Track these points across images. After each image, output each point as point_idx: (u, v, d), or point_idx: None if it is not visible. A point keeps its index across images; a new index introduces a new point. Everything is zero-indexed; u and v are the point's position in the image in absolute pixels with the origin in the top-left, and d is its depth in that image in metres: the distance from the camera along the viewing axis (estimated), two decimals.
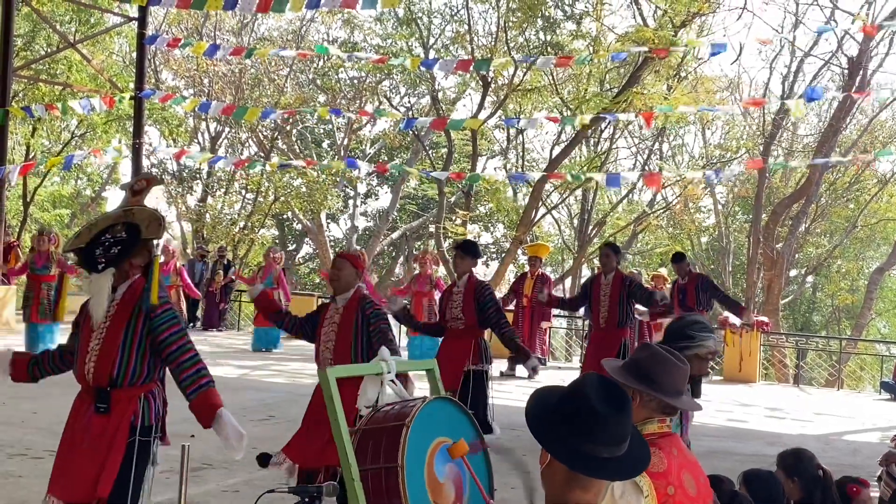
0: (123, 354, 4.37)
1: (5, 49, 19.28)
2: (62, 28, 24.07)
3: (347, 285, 5.94)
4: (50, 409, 9.38)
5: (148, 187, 4.88)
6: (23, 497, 6.10)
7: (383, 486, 3.77)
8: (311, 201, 28.82)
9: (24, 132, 25.60)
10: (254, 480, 6.97)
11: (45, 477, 6.58)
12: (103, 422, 4.36)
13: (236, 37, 30.42)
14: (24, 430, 8.29)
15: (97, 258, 4.39)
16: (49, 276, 14.58)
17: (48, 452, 7.37)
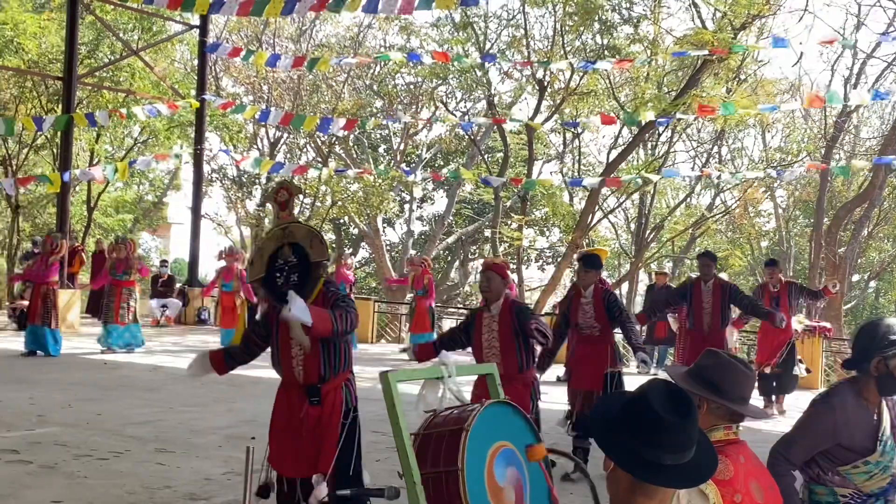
0: (325, 356, 4.99)
1: (70, 57, 19.72)
2: (125, 36, 24.52)
3: (498, 294, 6.47)
4: (113, 411, 9.59)
5: (291, 197, 5.11)
6: (89, 498, 6.22)
7: (444, 490, 3.80)
8: (367, 206, 28.99)
9: (89, 138, 26.11)
10: None
11: (110, 478, 6.76)
12: (318, 411, 5.01)
13: (295, 43, 30.73)
14: (90, 432, 8.44)
15: (280, 288, 4.88)
16: (129, 281, 15.08)
17: (112, 454, 7.55)
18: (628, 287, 30.34)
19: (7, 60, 23.10)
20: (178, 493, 6.45)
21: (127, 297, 15.10)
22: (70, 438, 8.09)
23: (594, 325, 8.00)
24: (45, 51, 23.38)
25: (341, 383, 5.10)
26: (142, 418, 9.28)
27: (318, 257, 4.94)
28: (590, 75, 22.85)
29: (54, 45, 23.11)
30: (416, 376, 4.27)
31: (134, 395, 10.80)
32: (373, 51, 30.65)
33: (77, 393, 10.75)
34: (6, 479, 6.59)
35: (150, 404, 10.23)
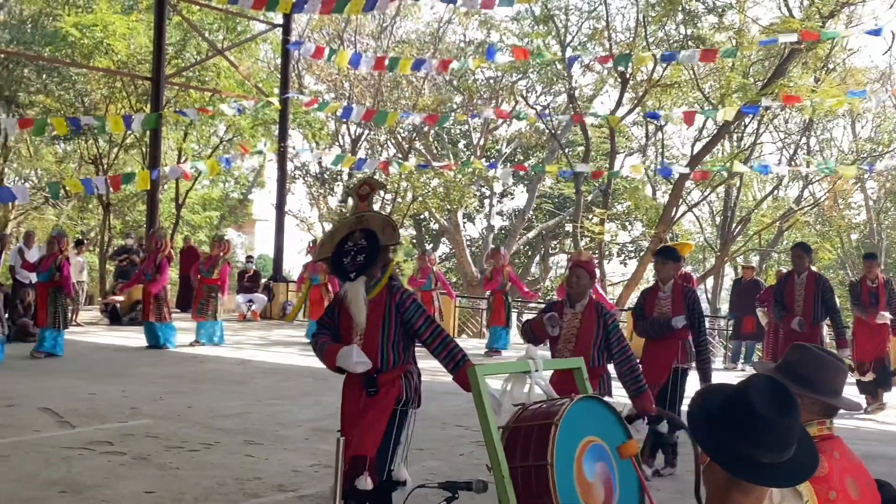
0: (384, 347, 4.99)
1: (158, 57, 20.19)
2: (210, 36, 24.98)
3: (584, 292, 6.43)
4: (203, 404, 9.78)
5: (372, 192, 5.22)
6: (180, 489, 6.34)
7: (533, 484, 3.77)
8: (447, 201, 29.05)
9: (177, 137, 26.67)
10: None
11: (201, 469, 6.89)
12: (375, 401, 4.99)
13: (375, 41, 30.95)
14: (180, 424, 8.62)
15: (346, 268, 4.97)
16: (212, 279, 15.44)
17: (203, 445, 7.69)
18: (713, 282, 29.86)
19: (97, 61, 23.73)
20: (267, 484, 6.54)
21: (207, 294, 15.47)
22: (162, 430, 8.27)
23: None
24: (133, 52, 23.95)
25: (400, 374, 5.05)
26: (230, 411, 9.44)
27: (388, 241, 5.00)
28: (673, 66, 22.50)
29: (143, 46, 23.66)
30: (502, 370, 4.26)
31: (223, 389, 11.00)
32: (453, 46, 30.70)
33: (168, 386, 10.99)
34: (101, 470, 6.76)
35: (239, 397, 10.41)
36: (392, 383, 5.00)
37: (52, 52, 24.43)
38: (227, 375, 12.18)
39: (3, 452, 7.12)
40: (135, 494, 6.13)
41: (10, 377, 11.22)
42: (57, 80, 25.27)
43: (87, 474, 6.59)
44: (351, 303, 4.95)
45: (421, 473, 6.77)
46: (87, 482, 6.38)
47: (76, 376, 11.47)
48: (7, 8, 25.78)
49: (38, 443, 7.56)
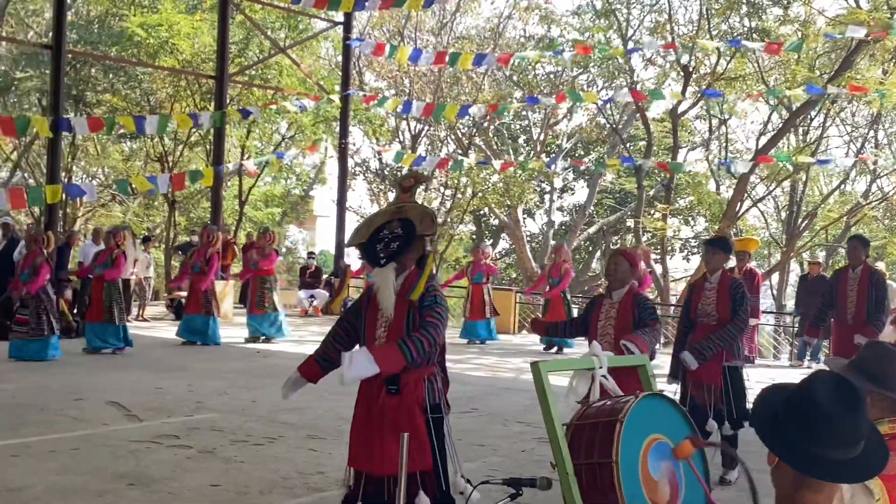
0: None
1: (222, 56, 20.45)
2: (273, 35, 25.23)
3: (623, 281, 6.20)
4: (267, 398, 9.88)
5: (416, 184, 5.17)
6: (245, 482, 6.41)
7: (598, 481, 3.74)
8: (507, 197, 28.99)
9: (240, 135, 26.99)
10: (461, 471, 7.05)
11: (265, 463, 6.96)
12: (396, 402, 4.68)
13: (435, 37, 30.99)
14: (245, 418, 8.72)
15: (378, 253, 4.74)
16: (262, 270, 15.59)
17: (267, 439, 7.77)
18: (779, 278, 29.38)
19: (162, 61, 24.11)
20: (330, 478, 6.58)
21: (260, 286, 15.56)
22: (226, 424, 8.37)
23: (712, 314, 7.45)
24: (198, 51, 24.29)
25: (424, 376, 4.72)
26: (293, 405, 9.49)
27: (424, 231, 4.80)
28: (737, 59, 22.18)
29: (207, 45, 23.97)
30: (566, 367, 4.23)
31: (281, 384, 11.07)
32: (513, 41, 30.61)
33: (232, 380, 11.13)
34: (168, 463, 6.86)
35: (301, 392, 10.46)
36: (415, 384, 4.69)
37: (118, 51, 24.88)
38: (289, 370, 12.05)
39: (73, 445, 7.27)
40: (201, 487, 6.22)
41: (78, 371, 11.46)
42: (123, 80, 25.74)
43: (154, 467, 6.70)
44: (379, 289, 4.72)
45: (482, 470, 6.76)
46: (154, 475, 6.49)
47: (143, 371, 11.68)
48: (75, 8, 26.29)
49: (107, 436, 7.70)
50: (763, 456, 2.32)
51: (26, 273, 12.14)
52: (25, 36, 27.19)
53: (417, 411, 4.67)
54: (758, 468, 6.23)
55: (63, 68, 17.82)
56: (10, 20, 27.32)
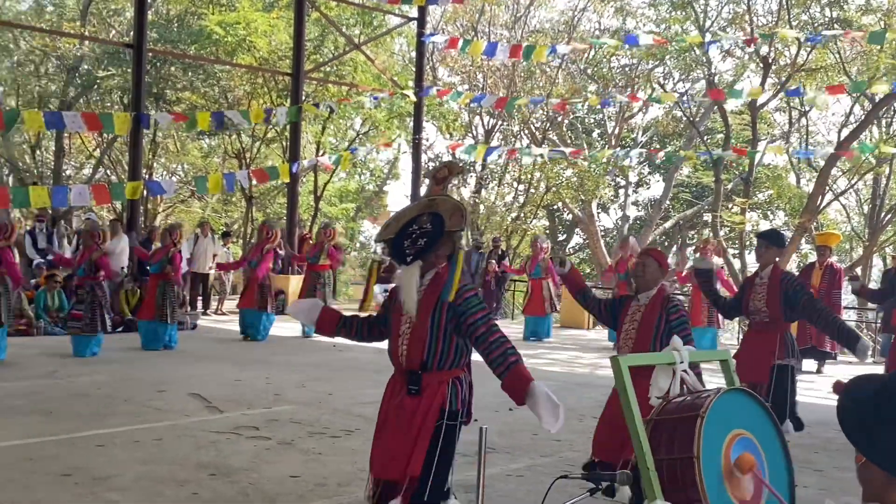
0: (432, 340, 4.53)
1: (297, 53, 20.69)
2: (347, 31, 25.44)
3: (652, 282, 5.95)
4: (344, 391, 9.99)
5: (450, 175, 5.02)
6: (324, 473, 6.49)
7: (679, 477, 3.70)
8: (581, 191, 28.79)
9: (315, 131, 27.28)
10: (537, 466, 7.05)
11: (343, 455, 7.03)
12: (415, 403, 4.54)
13: (509, 31, 30.91)
14: (322, 411, 8.82)
15: (405, 250, 4.59)
16: (320, 265, 15.71)
17: (344, 432, 7.85)
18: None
19: (240, 58, 24.49)
20: None
21: (314, 281, 15.63)
22: (304, 416, 8.48)
23: (762, 310, 7.31)
24: (274, 48, 24.61)
25: (448, 380, 4.58)
26: (369, 398, 9.59)
27: (454, 227, 4.62)
28: (818, 50, 21.68)
29: (283, 43, 24.27)
30: (647, 361, 4.18)
31: (361, 377, 11.20)
32: (587, 34, 30.38)
33: (309, 373, 11.27)
34: (249, 454, 6.97)
35: (377, 385, 10.48)
36: (437, 387, 4.54)
37: (197, 50, 25.34)
38: (364, 364, 12.40)
39: (157, 436, 7.43)
40: (281, 478, 6.31)
41: (160, 364, 11.72)
42: (202, 77, 26.20)
43: (234, 458, 6.82)
44: (402, 288, 4.59)
45: (559, 465, 6.75)
46: (235, 465, 6.60)
47: (222, 363, 11.89)
48: (155, 8, 26.83)
49: (189, 427, 7.86)
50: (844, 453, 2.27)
51: (83, 268, 12.30)
52: (108, 35, 27.86)
53: (433, 415, 4.50)
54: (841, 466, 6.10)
55: (144, 67, 18.22)
56: (92, 20, 28.01)
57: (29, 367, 11.14)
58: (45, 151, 29.08)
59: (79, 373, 10.71)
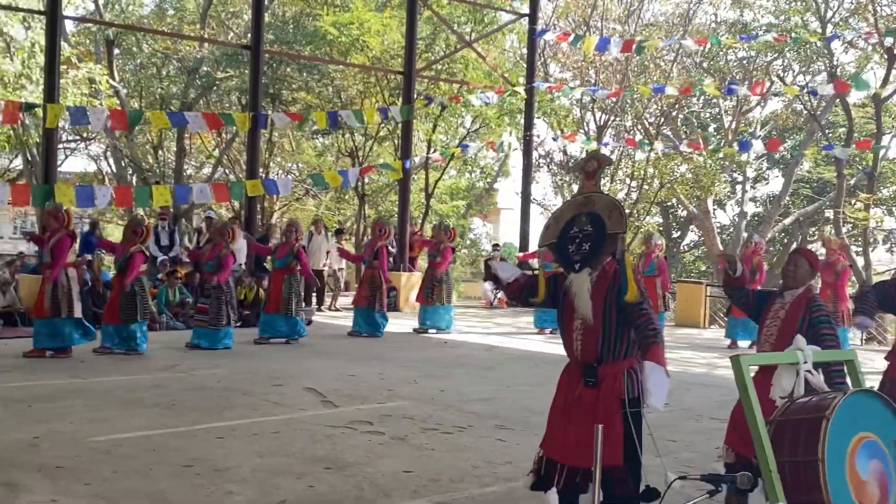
0: (605, 334, 4.72)
1: (409, 52, 20.85)
2: (459, 29, 25.51)
3: (801, 282, 5.85)
4: (456, 388, 10.02)
5: (600, 168, 4.98)
6: (437, 469, 6.51)
7: (802, 479, 3.58)
8: (697, 187, 28.24)
9: (426, 129, 27.45)
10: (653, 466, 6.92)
11: (455, 451, 7.05)
12: (593, 394, 4.73)
13: (622, 25, 30.53)
14: (434, 407, 8.86)
15: (571, 256, 4.77)
16: (436, 263, 15.80)
17: (456, 428, 7.86)
18: None
19: (353, 58, 24.82)
20: (519, 469, 6.58)
21: (431, 278, 15.72)
22: (417, 412, 8.53)
23: None
24: (387, 47, 24.86)
25: (623, 370, 4.75)
26: (481, 395, 9.61)
27: (615, 229, 4.70)
28: None
29: (395, 42, 24.50)
30: (769, 361, 4.06)
31: (472, 374, 11.22)
32: (703, 27, 29.78)
33: (421, 370, 11.35)
34: (363, 447, 7.05)
35: (488, 382, 10.58)
36: (614, 377, 4.73)
37: (312, 50, 25.80)
38: (476, 361, 12.42)
39: (274, 429, 7.58)
40: (394, 473, 6.36)
41: (278, 359, 11.97)
42: (316, 77, 26.66)
43: (349, 452, 6.90)
44: (576, 296, 4.75)
45: (675, 466, 6.61)
46: (349, 459, 6.68)
47: (337, 358, 12.07)
48: (271, 10, 27.42)
49: (305, 420, 7.99)
50: None
51: (211, 264, 12.67)
52: (226, 37, 28.61)
53: (615, 405, 4.66)
54: None
55: (261, 68, 18.62)
56: (211, 23, 28.80)
57: (152, 360, 11.52)
58: (166, 152, 30.02)
59: (199, 366, 11.03)
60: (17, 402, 8.42)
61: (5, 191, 14.49)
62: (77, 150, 31.26)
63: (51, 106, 15.23)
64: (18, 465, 6.20)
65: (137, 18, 29.24)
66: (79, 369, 10.56)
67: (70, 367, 10.66)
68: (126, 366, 10.97)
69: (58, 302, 11.22)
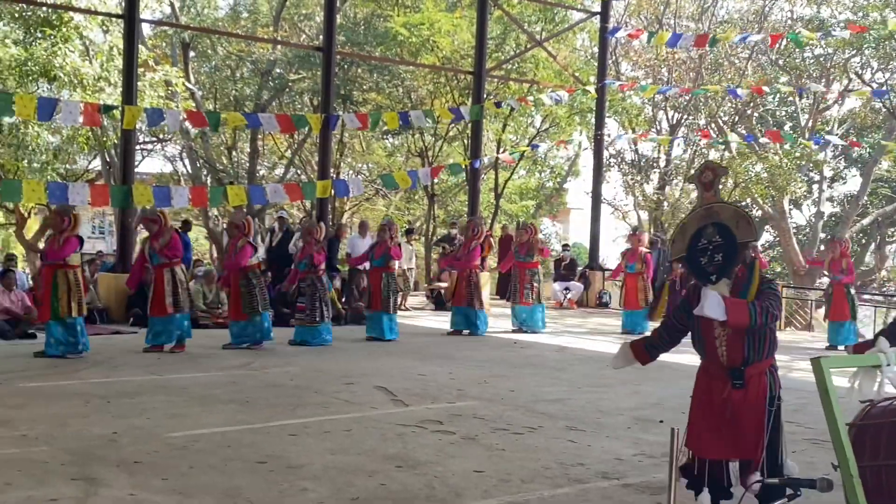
0: (749, 338, 4.89)
1: (480, 52, 20.85)
2: (529, 28, 25.44)
3: None
4: (526, 389, 9.99)
5: (716, 178, 5.05)
6: (507, 469, 6.49)
7: (884, 484, 3.51)
8: (772, 187, 27.74)
9: (496, 129, 27.44)
10: None
11: (525, 451, 7.02)
12: (741, 396, 4.92)
13: (696, 23, 30.13)
14: (504, 407, 8.84)
15: (705, 268, 4.91)
16: (531, 263, 15.80)
17: (527, 429, 7.84)
18: None
19: (424, 58, 24.91)
20: (590, 470, 6.55)
21: (530, 279, 15.78)
22: (487, 412, 8.52)
23: None
24: (457, 47, 24.90)
25: (766, 368, 4.95)
26: (551, 396, 9.57)
27: (745, 238, 4.83)
28: None
29: (465, 42, 24.52)
30: (850, 364, 3.97)
31: (543, 374, 11.18)
32: (779, 24, 29.26)
33: (491, 369, 11.34)
34: (433, 447, 7.07)
35: (559, 383, 10.53)
36: (759, 377, 4.93)
37: (383, 51, 25.95)
38: (546, 361, 12.38)
39: (346, 427, 7.65)
40: (465, 472, 6.36)
41: (349, 358, 12.08)
42: (387, 78, 26.81)
43: (420, 451, 6.92)
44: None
45: None
46: (420, 458, 6.70)
47: (407, 358, 12.13)
48: (343, 11, 27.64)
49: (376, 419, 8.04)
50: None
51: (304, 263, 13.12)
52: (298, 39, 28.94)
53: (761, 404, 4.88)
54: None
55: (333, 69, 18.78)
56: (284, 25, 29.14)
57: (226, 358, 11.71)
58: (240, 153, 30.47)
59: (272, 364, 11.18)
60: (98, 397, 8.63)
61: (85, 191, 14.82)
62: (153, 152, 31.88)
63: (129, 108, 15.58)
64: (98, 460, 6.35)
65: (212, 21, 29.73)
66: (156, 366, 10.78)
67: (148, 364, 10.90)
68: (202, 363, 11.17)
69: (178, 298, 11.81)
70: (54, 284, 11.16)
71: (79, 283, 11.32)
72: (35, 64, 19.64)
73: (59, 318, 11.13)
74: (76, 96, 19.38)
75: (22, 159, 20.77)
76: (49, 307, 11.18)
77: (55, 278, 11.16)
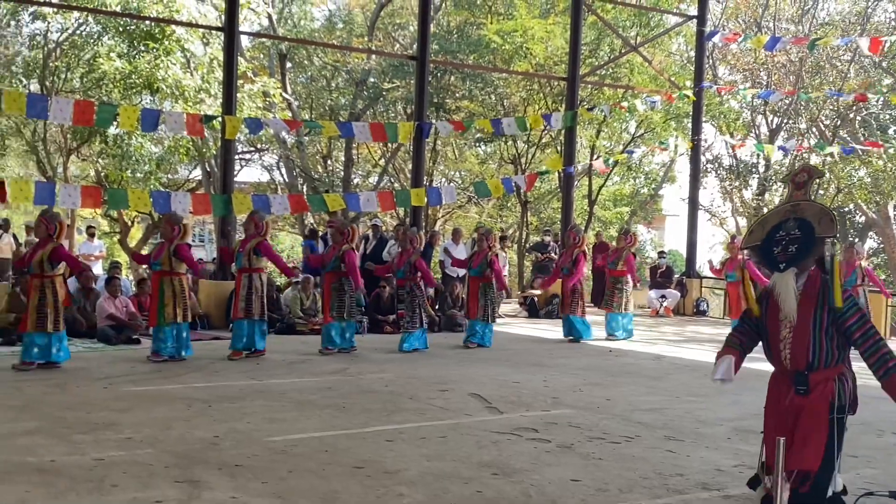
0: (815, 341, 4.72)
1: (574, 57, 20.74)
2: (624, 33, 25.20)
3: None
4: (622, 397, 9.87)
5: (810, 179, 5.05)
6: (605, 479, 6.42)
7: None
8: (876, 192, 26.93)
9: (589, 135, 27.25)
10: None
11: (623, 461, 6.94)
12: (803, 402, 4.78)
13: (796, 25, 29.44)
14: (600, 416, 8.75)
15: (777, 257, 4.81)
16: (618, 271, 15.70)
17: (624, 438, 7.75)
18: None
19: (517, 65, 24.90)
20: (690, 481, 6.43)
21: (612, 286, 15.69)
22: (582, 421, 8.45)
23: None
24: (550, 54, 24.82)
25: (834, 376, 4.76)
26: (648, 405, 9.43)
27: (825, 233, 4.74)
28: None
29: (559, 48, 24.43)
30: None
31: (639, 383, 11.03)
32: (882, 25, 28.42)
33: (585, 377, 11.24)
34: (528, 455, 7.03)
35: (656, 392, 10.38)
36: (825, 384, 4.73)
37: (475, 59, 26.01)
38: (642, 370, 12.21)
39: (441, 434, 7.67)
40: (561, 481, 6.31)
41: (443, 364, 12.11)
42: (480, 86, 26.86)
43: (515, 458, 6.90)
44: (780, 293, 4.78)
45: (856, 482, 6.30)
46: (515, 466, 6.68)
47: (500, 365, 12.11)
48: (436, 20, 27.80)
49: (471, 426, 8.04)
50: None
51: (402, 270, 13.29)
52: (392, 49, 29.20)
53: (824, 412, 4.71)
54: None
55: (426, 78, 18.88)
56: (378, 35, 29.46)
57: (322, 364, 11.86)
58: (335, 161, 30.87)
59: (367, 370, 11.28)
60: (200, 401, 8.83)
61: (187, 200, 15.22)
62: (251, 161, 32.56)
63: (229, 118, 15.93)
64: (201, 463, 6.50)
65: (309, 33, 30.22)
66: (255, 371, 10.99)
67: (247, 370, 11.11)
68: (298, 369, 11.34)
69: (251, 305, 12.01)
70: (161, 291, 11.47)
71: (184, 290, 11.60)
72: (138, 76, 20.26)
73: (165, 324, 11.43)
74: (178, 108, 19.92)
75: (126, 169, 21.44)
76: (156, 313, 11.50)
77: (161, 285, 11.47)
